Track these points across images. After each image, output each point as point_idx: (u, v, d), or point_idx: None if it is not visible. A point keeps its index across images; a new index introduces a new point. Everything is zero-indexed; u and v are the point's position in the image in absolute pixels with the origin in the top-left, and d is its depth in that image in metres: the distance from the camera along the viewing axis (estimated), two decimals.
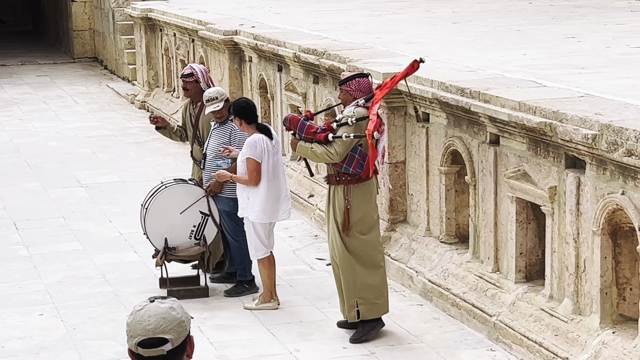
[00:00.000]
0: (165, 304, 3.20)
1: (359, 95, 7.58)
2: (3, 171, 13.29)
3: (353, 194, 7.52)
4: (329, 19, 14.36)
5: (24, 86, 20.42)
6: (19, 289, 8.91)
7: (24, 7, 32.88)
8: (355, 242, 7.60)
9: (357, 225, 7.59)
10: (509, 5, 15.83)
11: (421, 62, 7.51)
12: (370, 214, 7.65)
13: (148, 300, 3.24)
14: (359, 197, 7.55)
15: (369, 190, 7.62)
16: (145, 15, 17.63)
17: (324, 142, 7.43)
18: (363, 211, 7.59)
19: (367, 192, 7.60)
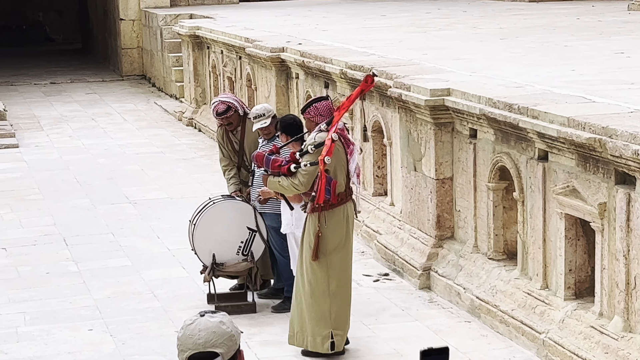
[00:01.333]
0: (216, 318, 3.22)
1: (320, 119, 7.51)
2: (53, 188, 13.44)
3: (328, 220, 7.41)
4: (375, 36, 14.37)
5: (73, 104, 20.65)
6: (69, 305, 9.00)
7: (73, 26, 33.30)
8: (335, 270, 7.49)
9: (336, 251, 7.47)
10: (556, 21, 15.75)
11: (374, 76, 7.51)
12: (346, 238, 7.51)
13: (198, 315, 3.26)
14: (335, 222, 7.45)
15: (345, 214, 7.48)
16: (193, 33, 17.77)
17: (288, 174, 7.38)
18: (340, 235, 7.47)
19: (343, 215, 7.46)
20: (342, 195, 7.47)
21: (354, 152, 7.52)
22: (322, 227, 7.39)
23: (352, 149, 7.50)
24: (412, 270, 9.31)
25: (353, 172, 7.48)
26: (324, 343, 7.50)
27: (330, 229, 7.43)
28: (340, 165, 7.44)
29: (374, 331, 8.16)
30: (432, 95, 8.94)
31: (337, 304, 7.52)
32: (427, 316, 8.51)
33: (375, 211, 10.76)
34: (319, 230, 7.39)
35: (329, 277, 7.48)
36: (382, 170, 10.97)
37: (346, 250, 7.56)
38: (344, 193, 7.49)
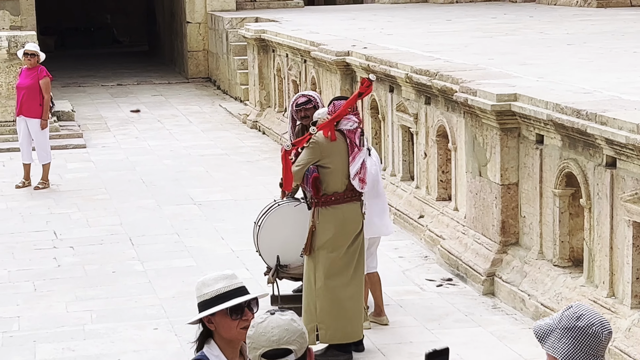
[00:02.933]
0: (286, 315, 3.27)
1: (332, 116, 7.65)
2: (119, 188, 13.62)
3: (320, 217, 7.52)
4: (441, 40, 14.34)
5: (139, 105, 20.88)
6: (134, 303, 9.12)
7: (140, 28, 33.68)
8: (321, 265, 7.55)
9: (324, 248, 7.54)
10: (624, 27, 15.57)
11: (371, 81, 7.59)
12: (339, 238, 7.56)
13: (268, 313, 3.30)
14: (326, 219, 7.52)
15: (340, 214, 7.54)
16: (259, 36, 17.88)
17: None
18: (332, 234, 7.53)
19: (338, 215, 7.53)
20: (339, 195, 7.54)
21: (357, 156, 7.55)
22: (315, 222, 7.53)
23: (357, 153, 7.54)
24: (475, 275, 9.28)
25: (353, 175, 7.53)
26: (310, 335, 7.55)
27: (321, 225, 7.55)
28: (338, 163, 7.50)
29: (437, 336, 8.15)
30: (499, 100, 8.90)
31: (322, 300, 7.58)
32: (490, 322, 8.47)
33: (439, 216, 10.73)
34: (312, 225, 7.56)
35: (315, 272, 7.59)
36: (446, 175, 10.94)
37: (338, 250, 7.57)
38: (341, 193, 7.55)
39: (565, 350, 3.44)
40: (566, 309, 3.51)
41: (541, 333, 3.51)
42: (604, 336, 3.45)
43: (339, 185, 7.56)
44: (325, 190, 7.55)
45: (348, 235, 7.63)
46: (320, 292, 7.63)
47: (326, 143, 7.49)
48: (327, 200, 7.56)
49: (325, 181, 7.54)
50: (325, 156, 7.50)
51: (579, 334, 3.44)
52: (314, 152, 7.49)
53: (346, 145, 7.55)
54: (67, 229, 11.62)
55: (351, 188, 7.58)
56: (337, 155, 7.52)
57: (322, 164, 7.52)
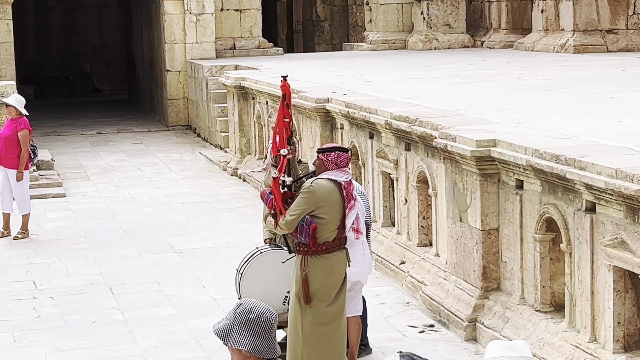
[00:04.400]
0: None
1: (333, 167, 7.57)
2: (100, 237, 13.56)
3: (310, 266, 7.48)
4: (420, 87, 14.43)
5: (119, 153, 20.87)
6: (115, 354, 9.04)
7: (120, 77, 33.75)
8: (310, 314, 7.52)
9: (314, 297, 7.51)
10: (601, 72, 15.72)
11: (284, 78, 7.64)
12: (328, 286, 7.52)
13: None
14: (316, 269, 7.49)
15: (330, 265, 7.51)
16: (239, 83, 17.95)
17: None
18: (321, 284, 7.50)
19: (327, 264, 7.50)
20: (328, 244, 7.50)
21: (354, 207, 7.54)
22: (305, 271, 7.50)
23: (353, 204, 7.53)
24: (457, 321, 9.26)
25: (349, 227, 7.51)
26: None
27: (311, 274, 7.50)
28: (332, 214, 7.46)
29: None
30: (478, 146, 8.95)
31: (309, 349, 7.54)
32: None
33: (420, 262, 10.73)
34: (305, 274, 7.48)
35: (303, 320, 7.55)
36: (427, 221, 10.96)
37: (327, 298, 7.53)
38: (330, 243, 7.51)
39: (247, 340, 4.25)
40: (236, 307, 4.29)
41: (222, 334, 4.31)
42: (273, 319, 4.33)
43: (330, 235, 7.52)
44: (317, 240, 7.49)
45: (336, 283, 7.59)
46: (308, 340, 7.57)
47: (322, 193, 7.43)
48: (318, 249, 7.50)
49: (319, 231, 7.48)
50: (320, 206, 7.44)
51: (255, 324, 4.26)
52: (310, 202, 7.41)
53: (341, 196, 7.51)
54: (47, 278, 11.54)
55: (339, 237, 7.55)
56: (332, 206, 7.47)
57: (316, 214, 7.46)
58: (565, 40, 20.26)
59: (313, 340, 7.58)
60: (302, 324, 7.58)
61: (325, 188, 7.45)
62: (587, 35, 20.13)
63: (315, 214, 7.45)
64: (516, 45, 22.18)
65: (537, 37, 21.30)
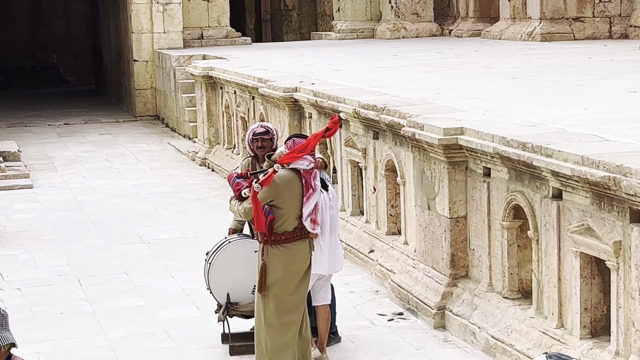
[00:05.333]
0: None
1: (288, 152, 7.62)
2: (67, 228, 13.48)
3: (270, 255, 7.50)
4: (388, 76, 14.44)
5: (87, 144, 20.75)
6: (82, 345, 9.00)
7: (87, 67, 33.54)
8: (271, 303, 7.54)
9: (274, 286, 7.52)
10: (568, 60, 15.80)
11: (341, 120, 7.64)
12: (289, 276, 7.53)
13: None
14: (276, 258, 7.50)
15: (290, 253, 7.52)
16: (207, 73, 17.88)
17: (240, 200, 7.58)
18: (282, 272, 7.51)
19: (287, 254, 7.51)
20: (288, 234, 7.50)
21: (312, 196, 7.53)
22: (265, 260, 7.51)
23: (312, 194, 7.52)
24: (426, 309, 9.29)
25: (306, 217, 7.50)
26: None
27: (271, 264, 7.51)
28: (291, 203, 7.46)
29: None
30: (446, 134, 8.97)
31: (272, 337, 7.56)
32: (442, 355, 8.47)
33: (389, 250, 10.75)
34: (264, 263, 7.51)
35: (265, 309, 7.57)
36: (395, 209, 10.98)
37: (288, 288, 7.54)
38: (290, 232, 7.51)
39: None
40: None
41: None
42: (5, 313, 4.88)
43: (290, 225, 7.51)
44: (276, 230, 7.50)
45: (297, 273, 7.60)
46: (271, 329, 7.59)
47: (282, 183, 7.43)
48: (277, 239, 7.51)
49: (277, 221, 7.49)
50: (279, 196, 7.44)
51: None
52: (269, 193, 7.40)
53: (301, 185, 7.50)
54: (14, 270, 11.46)
55: (300, 227, 7.54)
56: (291, 195, 7.47)
57: (275, 203, 7.46)
58: (532, 29, 20.35)
59: (276, 328, 7.59)
60: (265, 313, 7.60)
61: (286, 178, 7.44)
62: (554, 23, 20.23)
63: (274, 204, 7.46)
64: (484, 34, 22.24)
65: (504, 26, 21.38)
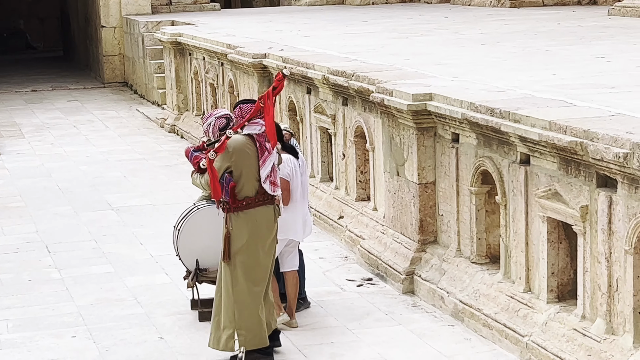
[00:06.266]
0: None
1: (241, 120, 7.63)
2: (35, 195, 13.40)
3: (233, 222, 7.50)
4: (357, 42, 14.41)
5: (55, 111, 20.60)
6: (51, 312, 8.97)
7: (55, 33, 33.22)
8: (237, 270, 7.54)
9: (239, 253, 7.53)
10: (537, 26, 15.82)
11: (284, 74, 7.59)
12: (254, 242, 7.53)
13: None
14: (240, 225, 7.50)
15: (253, 219, 7.52)
16: (175, 39, 17.76)
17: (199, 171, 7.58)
18: (246, 239, 7.51)
19: (250, 220, 7.51)
20: (250, 199, 7.49)
21: (267, 159, 7.53)
22: (229, 228, 7.49)
23: (267, 156, 7.52)
24: (395, 274, 9.33)
25: (264, 179, 7.50)
26: (229, 342, 7.57)
27: (235, 231, 7.50)
28: (248, 168, 7.47)
29: (358, 336, 8.17)
30: (415, 100, 8.97)
31: (240, 305, 7.54)
32: (410, 320, 8.52)
33: (358, 216, 10.77)
34: (227, 232, 7.50)
35: (232, 278, 7.55)
36: (365, 176, 10.99)
37: (254, 255, 7.53)
38: (252, 198, 7.49)
39: None
40: None
41: None
42: None
43: (250, 189, 7.50)
44: (237, 196, 7.49)
45: (262, 239, 7.58)
46: (239, 298, 7.57)
47: (236, 148, 7.43)
48: (239, 205, 7.50)
49: (236, 186, 7.48)
50: (235, 161, 7.43)
51: None
52: (225, 159, 7.42)
53: (255, 149, 7.50)
54: None
55: (262, 192, 7.52)
56: (247, 159, 7.46)
57: (232, 169, 7.45)
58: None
59: (245, 298, 7.56)
60: (232, 282, 7.55)
61: (239, 142, 7.44)
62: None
63: (232, 170, 7.45)
64: (453, 0, 22.22)
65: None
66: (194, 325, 8.52)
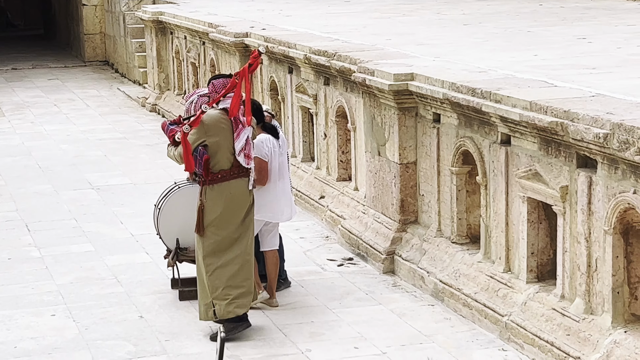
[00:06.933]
0: None
1: (215, 96, 7.74)
2: (15, 174, 13.34)
3: (207, 195, 7.61)
4: (339, 21, 14.37)
5: (35, 89, 20.48)
6: (31, 290, 8.95)
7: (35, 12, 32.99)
8: (210, 242, 7.65)
9: (213, 225, 7.64)
10: (519, 7, 15.83)
11: (260, 52, 7.77)
12: (228, 215, 7.63)
13: None
14: (214, 197, 7.61)
15: (227, 191, 7.61)
16: (156, 18, 17.67)
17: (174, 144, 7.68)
18: (220, 211, 7.62)
19: (224, 192, 7.60)
20: (225, 172, 7.60)
21: (241, 132, 7.62)
22: (203, 200, 7.61)
23: (241, 129, 7.62)
24: (376, 254, 9.34)
25: (238, 152, 7.59)
26: (208, 312, 7.72)
27: (208, 204, 7.62)
28: (223, 142, 7.56)
29: (338, 315, 8.18)
30: (396, 80, 8.96)
31: (213, 277, 7.67)
32: (391, 300, 8.55)
33: (339, 196, 10.77)
34: (201, 204, 7.63)
35: (204, 250, 7.68)
36: (346, 155, 10.99)
37: (228, 227, 7.64)
38: (227, 170, 7.60)
39: None
40: None
41: None
42: None
43: (225, 162, 7.60)
44: (212, 169, 7.60)
45: (237, 211, 7.68)
46: (211, 269, 7.68)
47: (210, 122, 7.52)
48: (214, 178, 7.62)
49: (211, 159, 7.58)
50: (209, 135, 7.53)
51: None
52: (199, 132, 7.52)
53: (230, 122, 7.59)
54: None
55: (237, 165, 7.63)
56: (221, 132, 7.56)
57: (207, 142, 7.55)
58: None
59: (216, 269, 7.67)
60: (204, 254, 7.67)
61: (213, 116, 7.55)
62: None
63: (207, 143, 7.54)
64: None
65: None
66: (174, 304, 8.51)
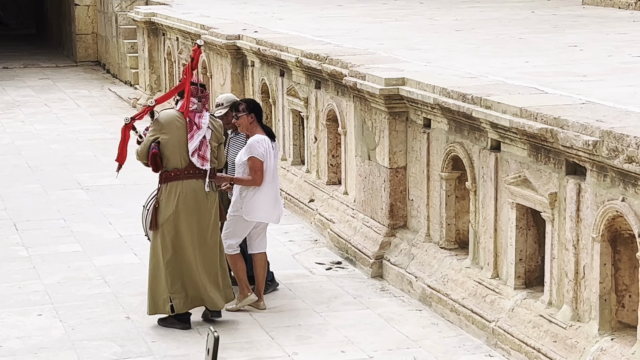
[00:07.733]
0: None
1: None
2: (4, 172, 13.30)
3: (162, 193, 7.88)
4: (331, 25, 14.38)
5: (26, 89, 20.44)
6: (18, 289, 8.92)
7: (27, 11, 32.92)
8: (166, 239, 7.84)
9: (167, 223, 7.83)
10: (511, 14, 15.85)
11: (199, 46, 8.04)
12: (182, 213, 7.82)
13: None
14: (168, 195, 7.85)
15: (181, 191, 7.81)
16: (149, 19, 17.66)
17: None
18: (173, 209, 7.82)
19: (177, 191, 7.81)
20: (179, 171, 7.81)
21: (195, 134, 7.83)
22: (158, 198, 7.88)
23: (195, 131, 7.82)
24: (364, 258, 9.34)
25: (192, 152, 7.79)
26: (165, 305, 7.87)
27: (163, 201, 7.86)
28: (175, 141, 7.80)
29: (326, 319, 8.17)
30: (387, 85, 8.96)
31: (172, 272, 7.87)
32: (378, 304, 8.54)
33: (328, 200, 10.77)
34: (156, 201, 7.89)
35: (162, 247, 7.87)
36: (336, 159, 10.98)
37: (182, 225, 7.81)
38: (181, 169, 7.81)
39: None
40: None
41: None
42: None
43: (179, 161, 7.81)
44: (165, 167, 7.84)
45: (190, 211, 7.85)
46: (170, 265, 7.84)
47: (164, 120, 7.81)
48: (168, 176, 7.85)
49: (164, 157, 7.81)
50: (163, 132, 7.78)
51: None
52: (154, 130, 7.83)
53: (185, 123, 7.82)
54: None
55: (193, 165, 7.82)
56: (175, 131, 7.80)
57: (160, 140, 7.81)
58: None
59: (175, 265, 7.85)
60: (162, 251, 7.85)
61: (168, 115, 7.87)
62: None
63: (160, 140, 7.79)
64: None
65: None
66: None
